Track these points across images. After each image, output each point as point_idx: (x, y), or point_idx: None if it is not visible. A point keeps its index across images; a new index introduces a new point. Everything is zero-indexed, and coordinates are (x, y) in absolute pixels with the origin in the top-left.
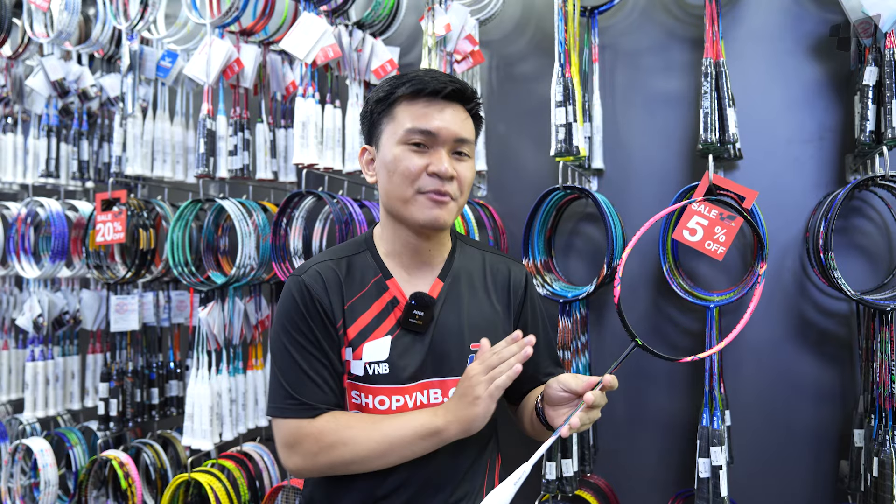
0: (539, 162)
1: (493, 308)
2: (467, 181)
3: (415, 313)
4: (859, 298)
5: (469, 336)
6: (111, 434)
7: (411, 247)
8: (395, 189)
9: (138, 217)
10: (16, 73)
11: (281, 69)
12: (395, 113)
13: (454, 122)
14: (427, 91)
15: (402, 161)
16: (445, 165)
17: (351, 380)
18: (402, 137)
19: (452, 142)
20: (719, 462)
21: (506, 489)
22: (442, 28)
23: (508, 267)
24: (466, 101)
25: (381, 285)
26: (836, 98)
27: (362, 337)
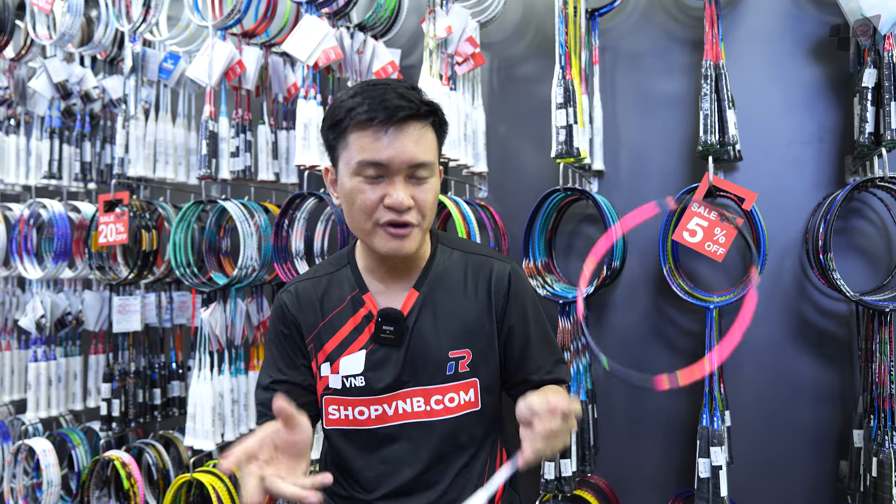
0: (540, 163)
1: (474, 312)
2: (428, 204)
3: (384, 328)
4: (858, 299)
5: (447, 343)
6: (113, 434)
7: (386, 263)
8: (355, 221)
9: (140, 218)
10: (19, 75)
11: (283, 71)
12: (348, 140)
13: (408, 147)
14: (377, 120)
15: (358, 195)
16: (400, 197)
17: (329, 394)
18: (354, 169)
19: (407, 168)
20: (719, 462)
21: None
22: (443, 30)
23: (490, 267)
24: (424, 118)
25: (357, 300)
26: (835, 100)
27: (339, 351)
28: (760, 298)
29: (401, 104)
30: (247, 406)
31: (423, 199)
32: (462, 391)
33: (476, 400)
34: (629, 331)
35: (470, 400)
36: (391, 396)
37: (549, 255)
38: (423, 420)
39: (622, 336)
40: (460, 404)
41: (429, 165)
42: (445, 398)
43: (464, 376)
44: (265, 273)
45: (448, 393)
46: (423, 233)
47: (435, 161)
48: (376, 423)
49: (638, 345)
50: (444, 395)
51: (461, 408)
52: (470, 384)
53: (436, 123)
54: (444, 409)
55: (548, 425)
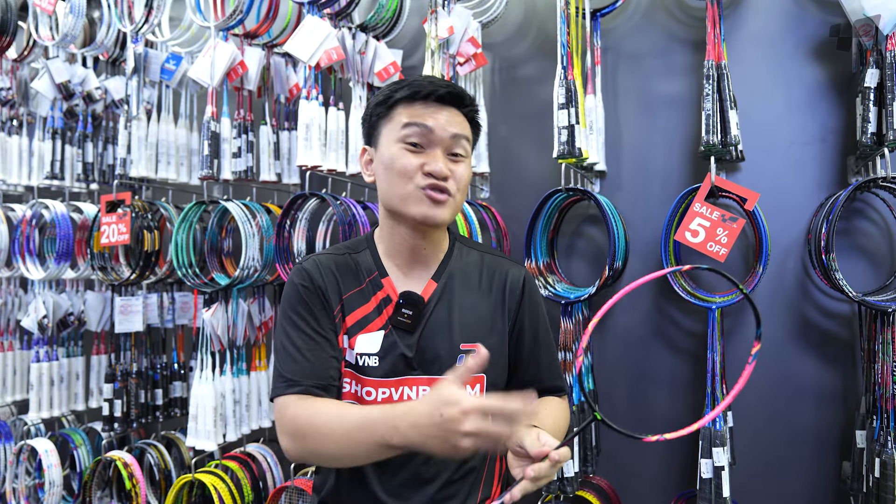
0: (541, 164)
1: (488, 308)
2: (464, 180)
3: (403, 312)
4: (861, 300)
5: (460, 335)
6: (115, 435)
7: (408, 245)
8: (393, 187)
9: (143, 219)
10: (21, 76)
11: (284, 72)
12: (393, 115)
13: (450, 121)
14: (423, 93)
15: (399, 159)
16: (440, 165)
17: (345, 367)
18: (399, 135)
19: (448, 140)
20: (721, 463)
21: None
22: (445, 31)
23: (507, 268)
24: (463, 105)
25: (376, 283)
26: (837, 100)
27: (358, 328)
28: (763, 299)
29: (448, 88)
30: (248, 406)
31: (460, 174)
32: (469, 385)
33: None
34: (631, 331)
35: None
36: (398, 381)
37: (550, 256)
38: None
39: (624, 337)
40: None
41: (466, 142)
42: None
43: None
44: (267, 273)
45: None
46: (456, 209)
47: (470, 143)
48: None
49: (640, 345)
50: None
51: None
52: (477, 379)
53: (472, 121)
54: None
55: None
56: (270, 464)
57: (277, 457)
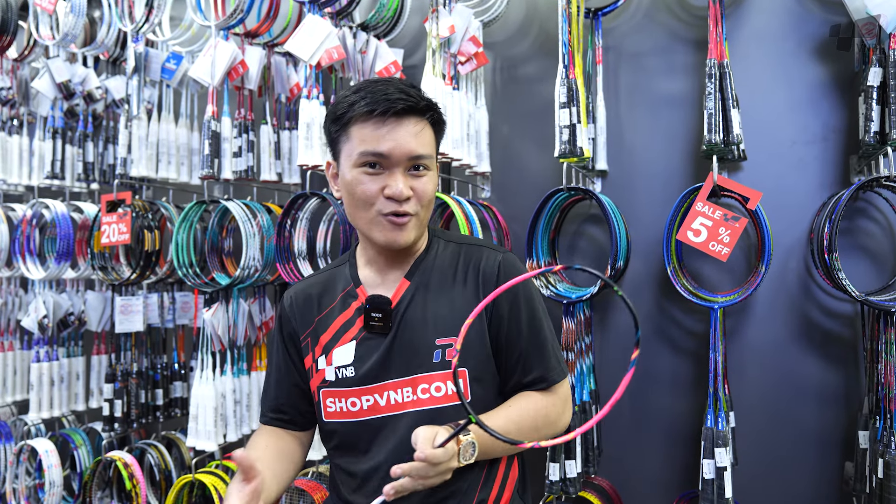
0: (542, 163)
1: (464, 299)
2: (427, 195)
3: (373, 315)
4: (864, 299)
5: (434, 330)
6: (116, 435)
7: (383, 255)
8: (356, 212)
9: (143, 218)
10: (21, 76)
11: (285, 71)
12: (350, 133)
13: (407, 139)
14: (377, 111)
15: (359, 185)
16: (400, 187)
17: (325, 387)
18: (356, 161)
19: (406, 160)
20: (724, 463)
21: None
22: (446, 30)
23: (482, 255)
24: (422, 112)
25: (351, 294)
26: (840, 99)
27: (332, 343)
28: (765, 299)
29: (400, 97)
30: (249, 406)
31: (422, 189)
32: (449, 380)
33: (466, 391)
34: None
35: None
36: (381, 386)
37: (552, 255)
38: (411, 410)
39: (625, 337)
40: (447, 394)
41: (427, 158)
42: (432, 387)
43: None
44: (268, 273)
45: (434, 382)
46: (422, 224)
47: (433, 155)
48: (369, 413)
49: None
50: (431, 383)
51: (448, 398)
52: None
53: (433, 121)
54: (431, 399)
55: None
56: None
57: None
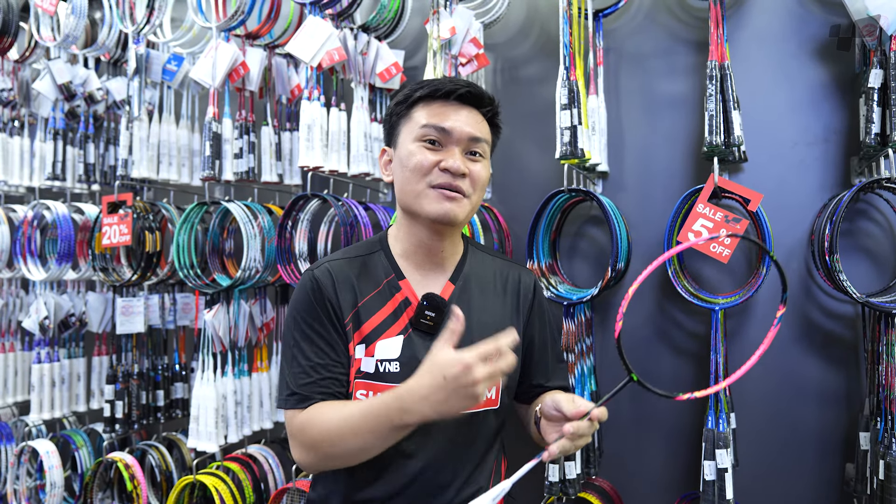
0: (543, 164)
1: (504, 311)
2: (481, 179)
3: (426, 314)
4: (865, 301)
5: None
6: (117, 436)
7: (425, 247)
8: (408, 183)
9: (144, 220)
10: (22, 77)
11: (286, 72)
12: (412, 114)
13: (468, 122)
14: (442, 92)
15: (416, 156)
16: (456, 162)
17: (360, 378)
18: (417, 135)
19: (466, 141)
20: (725, 465)
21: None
22: (447, 31)
23: (518, 272)
24: (482, 105)
25: (393, 285)
26: (840, 100)
27: (376, 334)
28: (766, 300)
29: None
30: (250, 408)
31: (477, 173)
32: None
33: (496, 398)
34: (633, 333)
35: (491, 397)
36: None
37: (553, 257)
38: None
39: (626, 338)
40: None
41: (484, 143)
42: None
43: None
44: (269, 274)
45: None
46: (472, 209)
47: (489, 144)
48: None
49: (642, 347)
50: None
51: (487, 403)
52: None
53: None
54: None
55: (577, 427)
56: (272, 465)
57: (279, 458)
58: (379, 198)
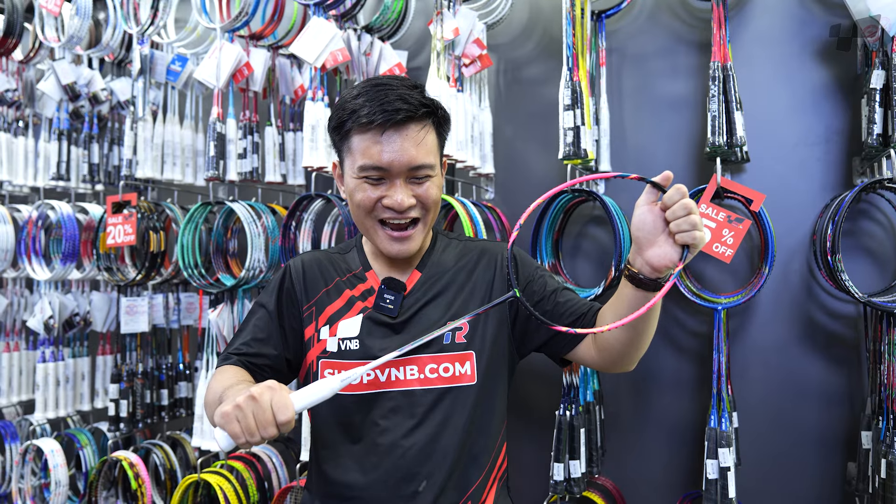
0: (546, 165)
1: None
2: (430, 198)
3: (385, 297)
4: (867, 301)
5: (445, 315)
6: (121, 435)
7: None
8: (357, 217)
9: (148, 220)
10: (27, 77)
11: (290, 73)
12: (350, 143)
13: (408, 149)
14: (376, 123)
15: (358, 193)
16: (399, 198)
17: (325, 357)
18: (356, 172)
19: (406, 171)
20: (727, 464)
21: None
22: (450, 32)
23: (493, 246)
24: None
25: (360, 276)
26: (842, 101)
27: (338, 315)
28: (768, 300)
29: (400, 107)
30: None
31: (426, 195)
32: (458, 362)
33: (472, 374)
34: None
35: (466, 373)
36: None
37: (556, 257)
38: (414, 388)
39: None
40: (455, 375)
41: (429, 167)
42: (440, 367)
43: (459, 347)
44: (272, 274)
45: (443, 363)
46: (426, 228)
47: (436, 162)
48: (368, 388)
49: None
50: (439, 364)
51: (456, 379)
52: (465, 356)
53: (436, 123)
54: (439, 378)
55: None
56: (276, 464)
57: (282, 457)
58: None
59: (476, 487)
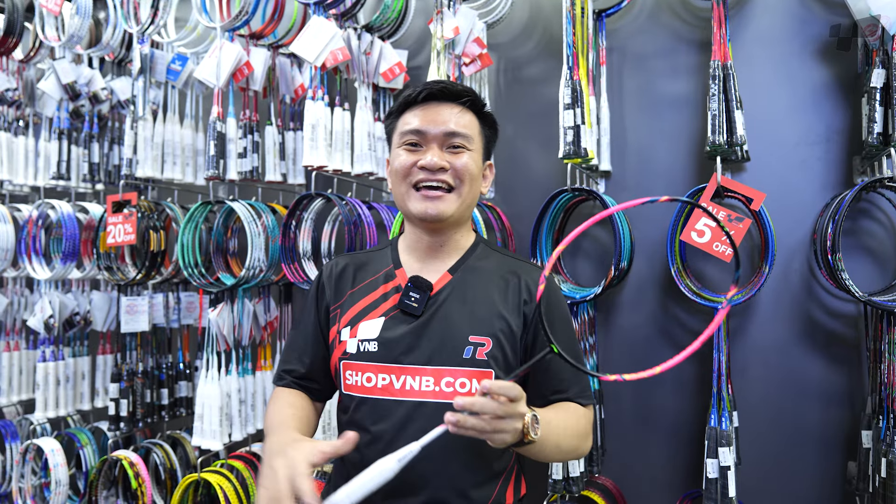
0: (546, 164)
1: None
2: (465, 171)
3: (410, 295)
4: (867, 300)
5: (469, 327)
6: (121, 434)
7: (424, 242)
8: (395, 186)
9: (149, 219)
10: (27, 77)
11: (289, 72)
12: (397, 123)
13: (444, 118)
14: (414, 96)
15: (398, 159)
16: (432, 158)
17: (346, 359)
18: (399, 141)
19: (442, 136)
20: (727, 463)
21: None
22: (451, 31)
23: (527, 269)
24: (458, 98)
25: (389, 274)
26: (842, 100)
27: (361, 316)
28: (768, 299)
29: (444, 86)
30: (254, 406)
31: (461, 165)
32: (475, 379)
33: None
34: (636, 331)
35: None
36: (400, 369)
37: None
38: (426, 400)
39: (629, 336)
40: (470, 392)
41: (464, 136)
42: (457, 382)
43: (480, 364)
44: (272, 274)
45: (460, 377)
46: (461, 200)
47: (472, 136)
48: (381, 393)
49: (644, 345)
50: (456, 378)
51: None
52: (484, 374)
53: (476, 110)
54: (454, 393)
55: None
56: None
57: None
58: (382, 197)
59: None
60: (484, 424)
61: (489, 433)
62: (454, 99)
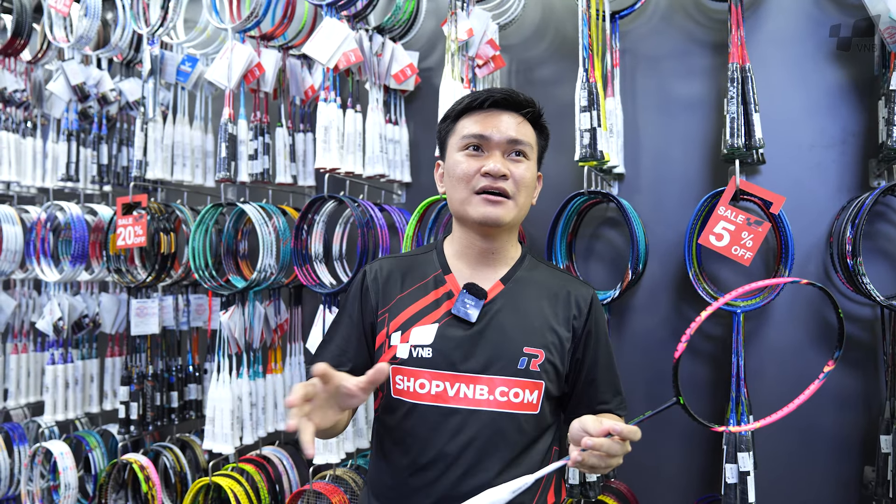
0: (559, 166)
1: (554, 317)
2: (524, 180)
3: (466, 301)
4: (887, 304)
5: (524, 338)
6: (130, 437)
7: (476, 247)
8: (455, 191)
9: (158, 221)
10: (36, 78)
11: (300, 73)
12: (456, 127)
13: (507, 126)
14: (478, 101)
15: (461, 164)
16: (496, 165)
17: (396, 364)
18: (460, 145)
19: (505, 143)
20: (747, 468)
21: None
22: (464, 33)
23: (576, 286)
24: (521, 108)
25: (439, 279)
26: (858, 102)
27: (413, 321)
28: (784, 302)
29: (505, 95)
30: (265, 409)
31: (520, 174)
32: (528, 389)
33: (537, 403)
34: (650, 334)
35: (531, 401)
36: (455, 377)
37: (570, 259)
38: (480, 409)
39: (643, 339)
40: (522, 402)
41: (525, 145)
42: (511, 392)
43: (533, 375)
44: (283, 276)
45: (514, 388)
46: (518, 209)
47: (532, 145)
48: (434, 399)
49: (659, 348)
50: (510, 388)
51: (522, 406)
52: (536, 385)
53: (534, 121)
54: (508, 403)
55: (596, 442)
56: (286, 466)
57: (293, 459)
58: (393, 199)
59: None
60: (599, 462)
61: (601, 469)
62: (516, 108)
